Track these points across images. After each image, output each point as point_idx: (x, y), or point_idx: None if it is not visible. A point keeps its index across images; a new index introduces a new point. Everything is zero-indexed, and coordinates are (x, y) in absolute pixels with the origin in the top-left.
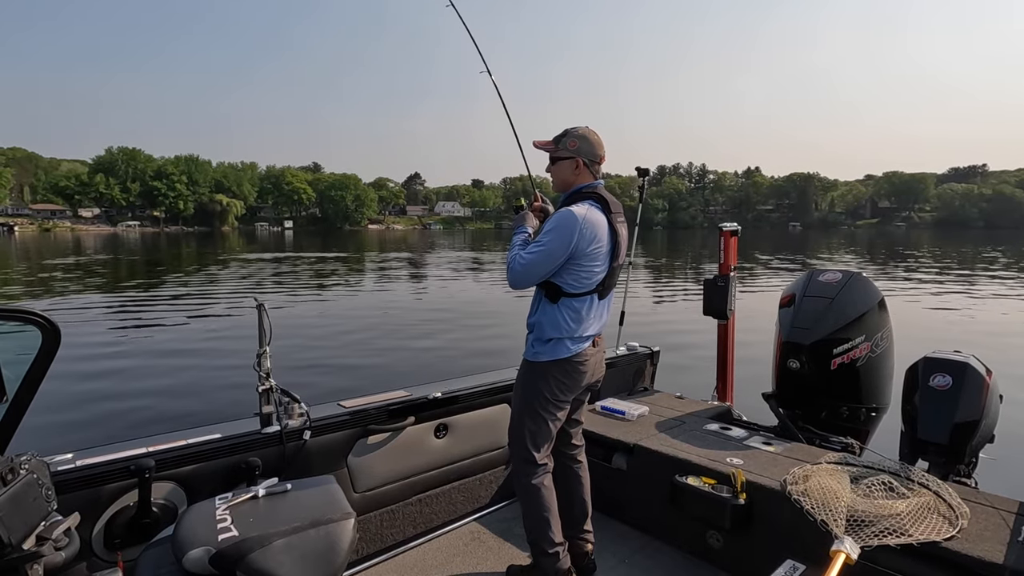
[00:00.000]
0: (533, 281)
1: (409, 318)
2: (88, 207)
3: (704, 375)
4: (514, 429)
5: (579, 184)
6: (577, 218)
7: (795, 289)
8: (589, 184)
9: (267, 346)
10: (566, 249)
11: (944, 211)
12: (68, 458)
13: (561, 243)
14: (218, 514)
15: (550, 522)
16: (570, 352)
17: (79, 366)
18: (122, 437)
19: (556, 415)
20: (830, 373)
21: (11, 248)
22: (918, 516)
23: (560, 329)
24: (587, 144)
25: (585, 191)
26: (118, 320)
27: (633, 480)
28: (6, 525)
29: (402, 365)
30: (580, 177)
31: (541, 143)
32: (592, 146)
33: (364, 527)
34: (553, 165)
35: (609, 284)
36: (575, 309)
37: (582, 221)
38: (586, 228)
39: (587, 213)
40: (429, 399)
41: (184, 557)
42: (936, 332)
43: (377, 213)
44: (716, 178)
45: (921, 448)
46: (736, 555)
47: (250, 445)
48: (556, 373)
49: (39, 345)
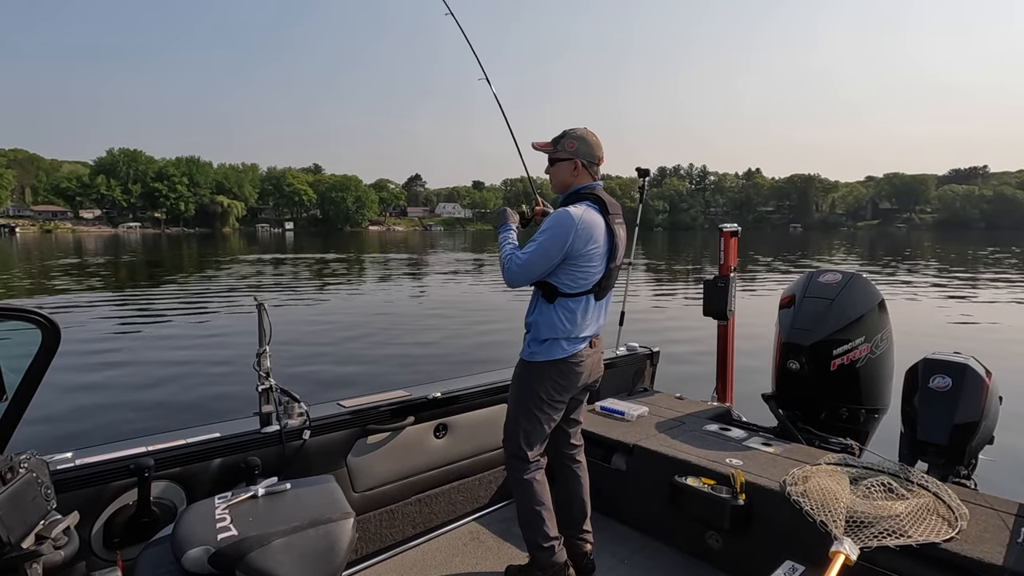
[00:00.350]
0: (529, 279)
1: (409, 318)
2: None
3: (704, 376)
4: (509, 427)
5: (577, 185)
6: (573, 218)
7: (795, 290)
8: (587, 185)
9: (267, 346)
10: (562, 249)
11: (945, 212)
12: (68, 457)
13: (557, 242)
14: (217, 513)
15: (544, 516)
16: (566, 353)
17: (79, 365)
18: (122, 436)
19: (551, 415)
20: (830, 374)
21: (13, 249)
22: (917, 517)
23: (556, 329)
24: (585, 145)
25: (583, 192)
26: (118, 319)
27: (632, 480)
28: (5, 524)
29: (402, 365)
30: (578, 178)
31: (540, 144)
32: (590, 147)
33: (363, 527)
34: (552, 166)
35: (606, 285)
36: (571, 310)
37: (578, 221)
38: (582, 228)
39: (584, 213)
40: (429, 399)
41: (183, 556)
42: (936, 333)
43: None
44: (717, 179)
45: (921, 449)
46: (735, 556)
47: (250, 445)
48: (552, 374)
49: (39, 344)
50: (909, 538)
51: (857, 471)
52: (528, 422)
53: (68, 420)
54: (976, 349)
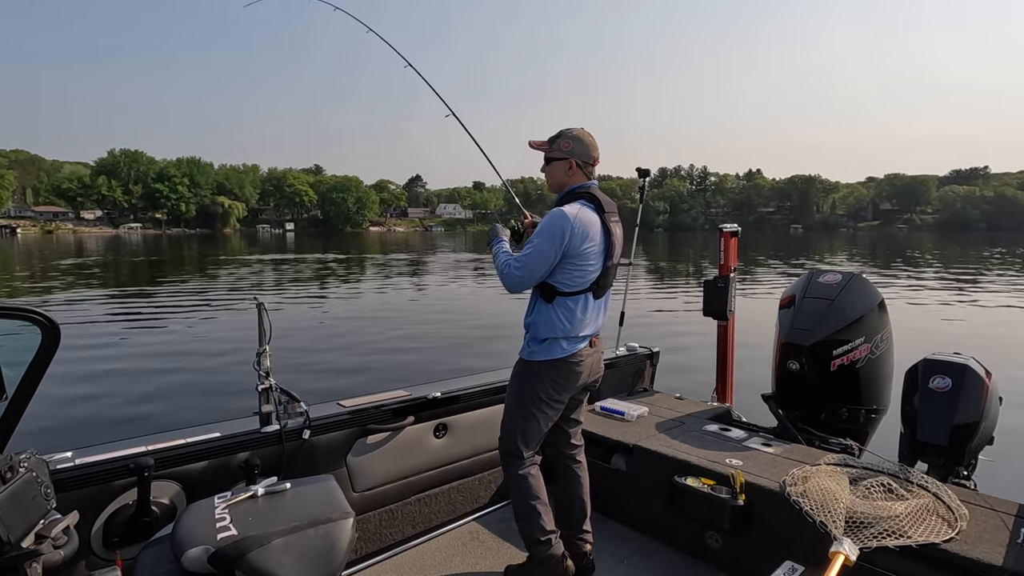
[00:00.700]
0: (530, 283)
1: (409, 318)
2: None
3: (704, 376)
4: (506, 424)
5: (573, 185)
6: (568, 217)
7: (795, 290)
8: (583, 185)
9: (267, 345)
10: (559, 248)
11: (946, 213)
12: (67, 456)
13: (553, 243)
14: (217, 513)
15: (539, 510)
16: (565, 352)
17: (79, 365)
18: (121, 436)
19: (549, 415)
20: (830, 374)
21: (14, 250)
22: (917, 518)
23: (555, 329)
24: (581, 145)
25: (578, 191)
26: (118, 319)
27: (632, 480)
28: (5, 523)
29: (402, 365)
30: (574, 178)
31: (536, 143)
32: (586, 147)
33: (363, 527)
34: (547, 165)
35: (604, 284)
36: (570, 309)
37: (573, 220)
38: (577, 227)
39: (579, 212)
40: (428, 399)
41: (183, 556)
42: (936, 334)
43: (378, 215)
44: (717, 180)
45: (920, 450)
46: (735, 556)
47: (249, 444)
48: (551, 373)
49: (39, 343)
50: (909, 539)
51: (857, 471)
52: (526, 421)
53: (68, 419)
54: (976, 349)
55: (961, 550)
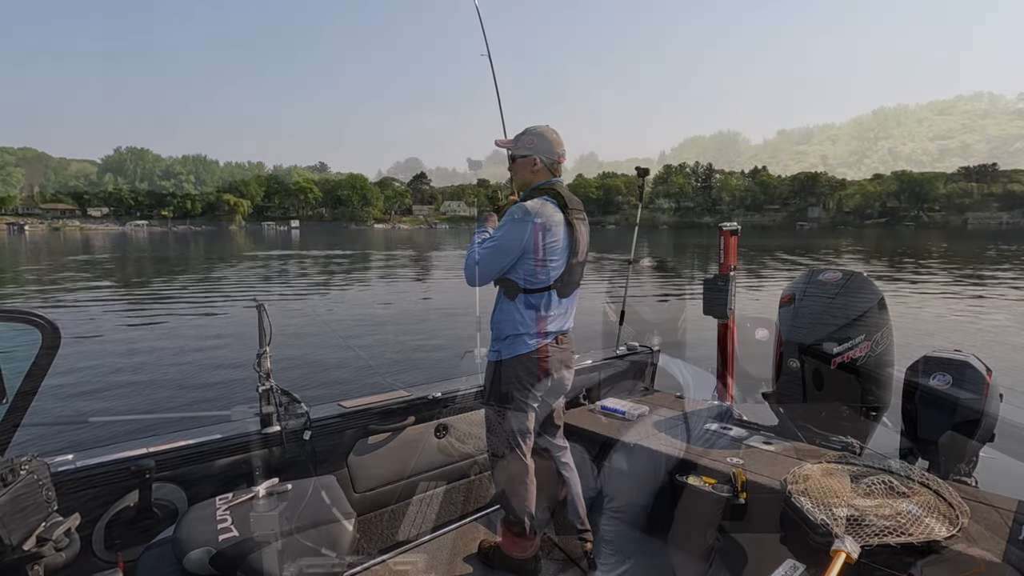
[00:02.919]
0: (488, 277)
1: (411, 318)
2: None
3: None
4: (488, 430)
5: (537, 182)
6: (529, 212)
7: (795, 288)
8: (547, 181)
9: (267, 346)
10: (519, 243)
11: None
12: (68, 459)
13: (513, 237)
14: (218, 514)
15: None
16: (528, 348)
17: (79, 366)
18: (122, 438)
19: (526, 412)
20: (830, 372)
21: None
22: (918, 515)
23: (517, 325)
24: (544, 142)
25: (542, 187)
26: (119, 320)
27: (633, 479)
28: (6, 526)
29: (402, 365)
30: (538, 175)
31: (501, 142)
32: (550, 144)
33: (364, 527)
34: (512, 163)
35: (568, 281)
36: (532, 305)
37: (534, 215)
38: (538, 222)
39: (540, 208)
40: (429, 399)
41: (185, 557)
42: (936, 331)
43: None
44: (723, 177)
45: (921, 447)
46: (736, 555)
47: (250, 445)
48: (518, 370)
49: (39, 346)
50: (910, 536)
51: (858, 469)
52: (505, 423)
53: (69, 422)
54: (976, 347)
55: (963, 547)
